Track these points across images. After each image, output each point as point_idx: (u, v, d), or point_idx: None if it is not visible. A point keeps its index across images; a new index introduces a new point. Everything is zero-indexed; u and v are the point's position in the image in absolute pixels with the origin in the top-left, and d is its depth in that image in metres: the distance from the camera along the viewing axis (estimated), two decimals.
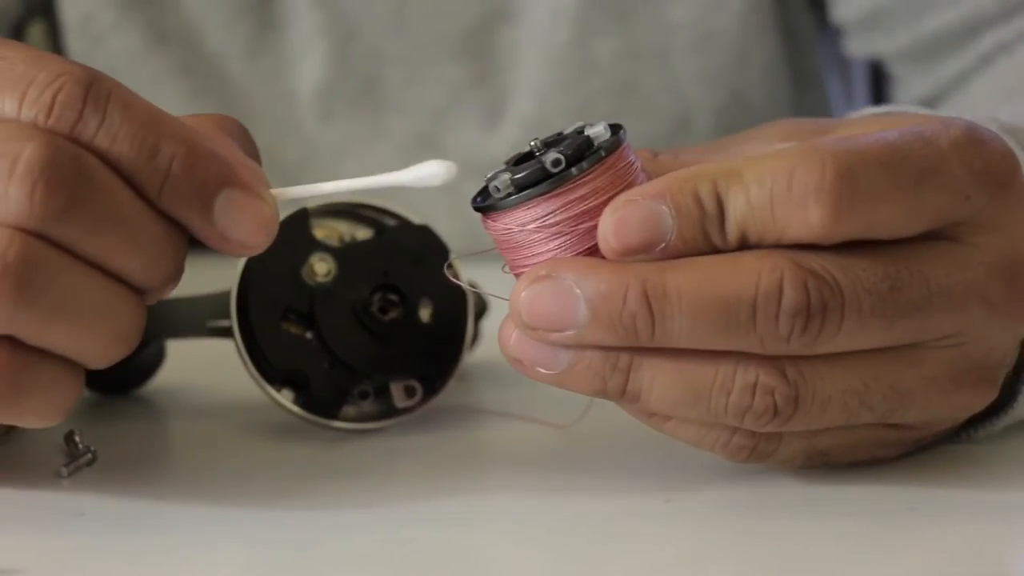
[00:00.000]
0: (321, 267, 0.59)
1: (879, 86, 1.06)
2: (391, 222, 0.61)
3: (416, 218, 0.60)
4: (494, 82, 0.99)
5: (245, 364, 0.58)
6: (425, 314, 0.60)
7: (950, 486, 0.53)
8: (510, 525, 0.51)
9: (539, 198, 0.49)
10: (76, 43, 0.97)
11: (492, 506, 0.53)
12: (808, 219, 0.47)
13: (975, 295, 0.49)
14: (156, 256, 0.48)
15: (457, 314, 0.60)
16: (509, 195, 0.50)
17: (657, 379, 0.49)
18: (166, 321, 0.62)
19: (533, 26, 0.98)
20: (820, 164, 0.47)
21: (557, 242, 0.50)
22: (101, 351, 0.49)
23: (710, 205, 0.48)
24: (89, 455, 0.55)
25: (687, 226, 0.48)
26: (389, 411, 0.60)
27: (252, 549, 0.49)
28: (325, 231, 0.60)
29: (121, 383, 0.65)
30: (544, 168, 0.49)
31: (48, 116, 0.47)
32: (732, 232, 0.48)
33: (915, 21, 0.92)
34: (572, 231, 0.49)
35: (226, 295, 0.59)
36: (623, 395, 0.49)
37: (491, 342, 0.68)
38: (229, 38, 0.98)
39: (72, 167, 0.46)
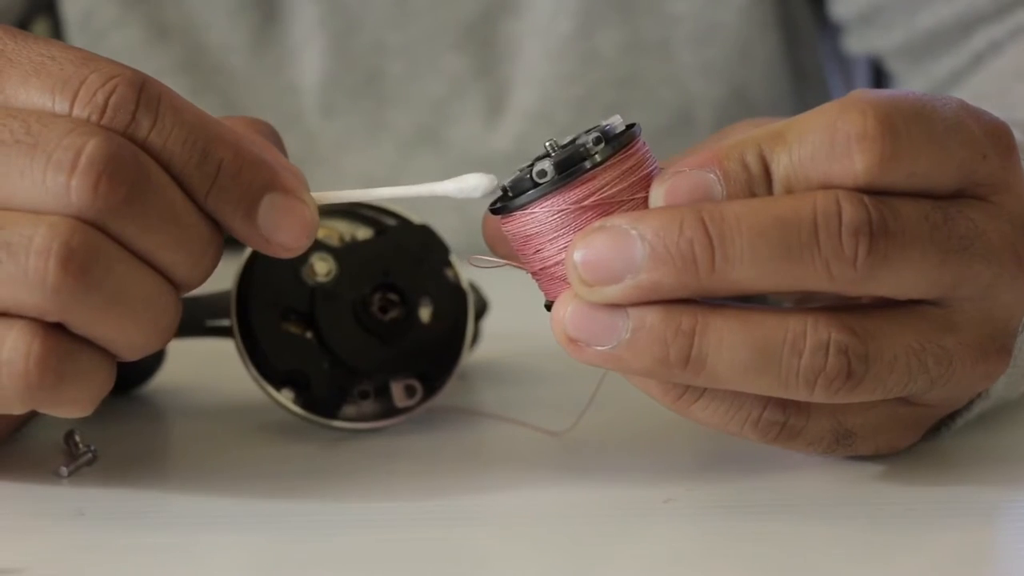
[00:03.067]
0: (321, 267, 0.59)
1: (880, 84, 1.06)
2: (391, 222, 0.61)
3: (416, 218, 0.60)
4: (496, 74, 0.99)
5: (245, 364, 0.58)
6: (425, 314, 0.60)
7: (949, 486, 0.53)
8: (509, 525, 0.51)
9: (579, 180, 0.49)
10: (78, 39, 0.97)
11: (492, 506, 0.53)
12: (854, 167, 0.47)
13: (1008, 245, 0.50)
14: (199, 255, 0.50)
15: (457, 314, 0.60)
16: (554, 179, 0.49)
17: (725, 340, 0.48)
18: None
19: (535, 18, 0.98)
20: (861, 114, 0.48)
21: (565, 240, 0.49)
22: (141, 343, 0.50)
23: (756, 168, 0.48)
24: (89, 455, 0.55)
25: (735, 191, 0.48)
26: (389, 411, 0.60)
27: (252, 548, 0.49)
28: (325, 231, 0.60)
29: (121, 383, 0.65)
30: (583, 148, 0.49)
31: (101, 117, 0.48)
32: (779, 190, 0.48)
33: (910, 18, 0.92)
34: (610, 211, 0.49)
35: (226, 295, 0.59)
36: (687, 364, 0.48)
37: (492, 342, 0.68)
38: (231, 33, 0.98)
39: (133, 163, 0.48)
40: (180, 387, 0.66)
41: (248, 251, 0.58)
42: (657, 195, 0.49)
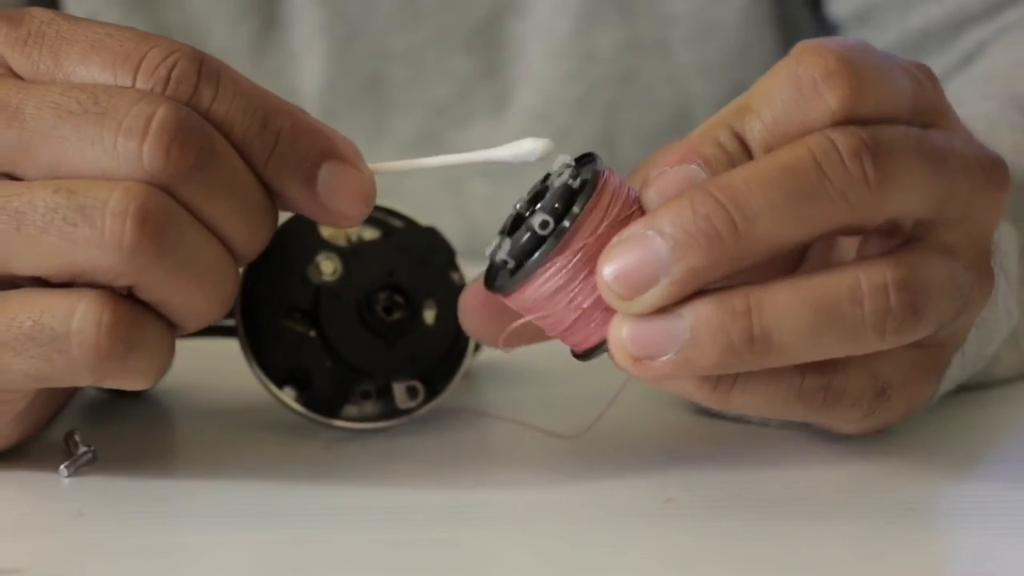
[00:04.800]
0: (327, 266, 0.59)
1: None
2: (398, 223, 0.61)
3: (423, 219, 0.60)
4: (499, 76, 0.99)
5: (248, 361, 0.58)
6: (429, 315, 0.60)
7: (949, 486, 0.53)
8: (509, 524, 0.51)
9: (549, 259, 0.49)
10: None
11: (492, 506, 0.53)
12: (828, 106, 0.48)
13: (972, 159, 0.50)
14: (259, 224, 0.51)
15: None
16: (518, 267, 0.50)
17: (782, 309, 0.48)
18: None
19: (538, 18, 0.98)
20: (819, 56, 0.49)
21: (575, 296, 0.49)
22: (205, 311, 0.50)
23: (733, 145, 0.49)
24: (89, 454, 0.55)
25: (720, 172, 0.49)
26: (391, 411, 0.60)
27: (252, 548, 0.49)
28: (332, 230, 0.60)
29: None
30: (534, 239, 0.49)
31: (164, 88, 0.49)
32: (761, 155, 0.49)
33: (903, 17, 0.93)
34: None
35: None
36: (752, 343, 0.48)
37: None
38: (232, 37, 0.98)
39: (201, 130, 0.49)
40: (180, 387, 0.66)
41: None
42: (651, 199, 0.49)
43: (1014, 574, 0.47)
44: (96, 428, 0.60)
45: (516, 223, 0.51)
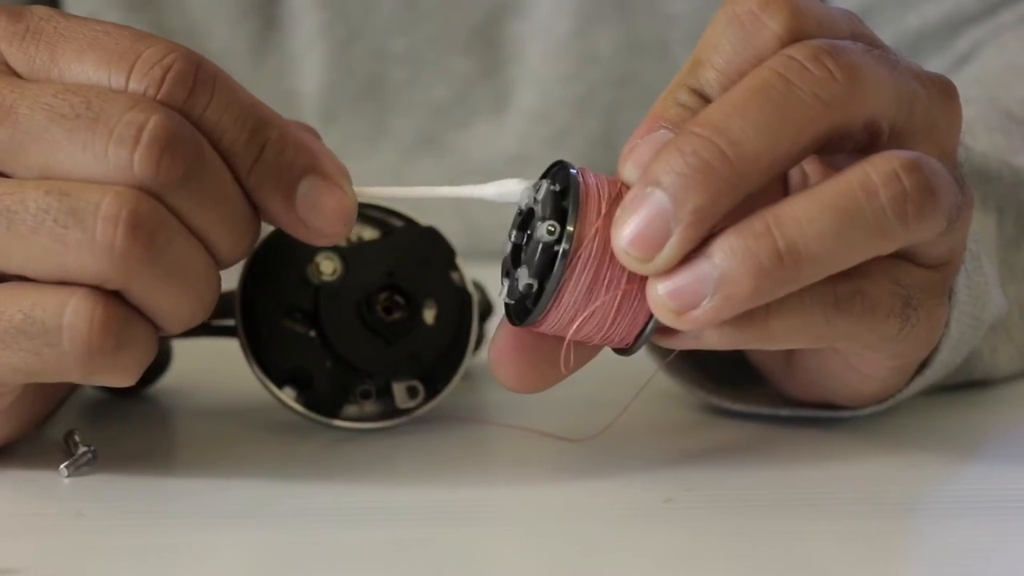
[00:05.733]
0: (327, 266, 0.59)
1: None
2: (398, 223, 0.61)
3: (423, 220, 0.60)
4: (499, 77, 0.99)
5: (248, 361, 0.58)
6: (429, 315, 0.60)
7: (950, 485, 0.53)
8: (510, 525, 0.51)
9: (573, 255, 0.49)
10: None
11: (492, 505, 0.53)
12: (773, 31, 0.49)
13: (920, 70, 0.51)
14: (242, 234, 0.51)
15: (462, 316, 0.60)
16: (541, 285, 0.49)
17: (801, 218, 0.47)
18: None
19: (537, 18, 0.98)
20: None
21: (609, 282, 0.49)
22: (188, 315, 0.50)
23: (693, 101, 0.50)
24: (89, 454, 0.54)
25: None
26: (391, 411, 0.60)
27: (252, 548, 0.49)
28: None
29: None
30: (547, 245, 0.49)
31: (158, 90, 0.49)
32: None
33: (900, 17, 0.93)
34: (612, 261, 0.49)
35: (229, 295, 0.59)
36: (782, 259, 0.47)
37: None
38: (232, 38, 0.98)
39: (191, 140, 0.49)
40: (181, 387, 0.67)
41: (255, 247, 0.58)
42: (630, 172, 0.50)
43: (1014, 574, 0.47)
44: (96, 428, 0.60)
45: (515, 256, 0.51)
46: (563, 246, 0.49)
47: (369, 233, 0.60)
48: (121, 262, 0.48)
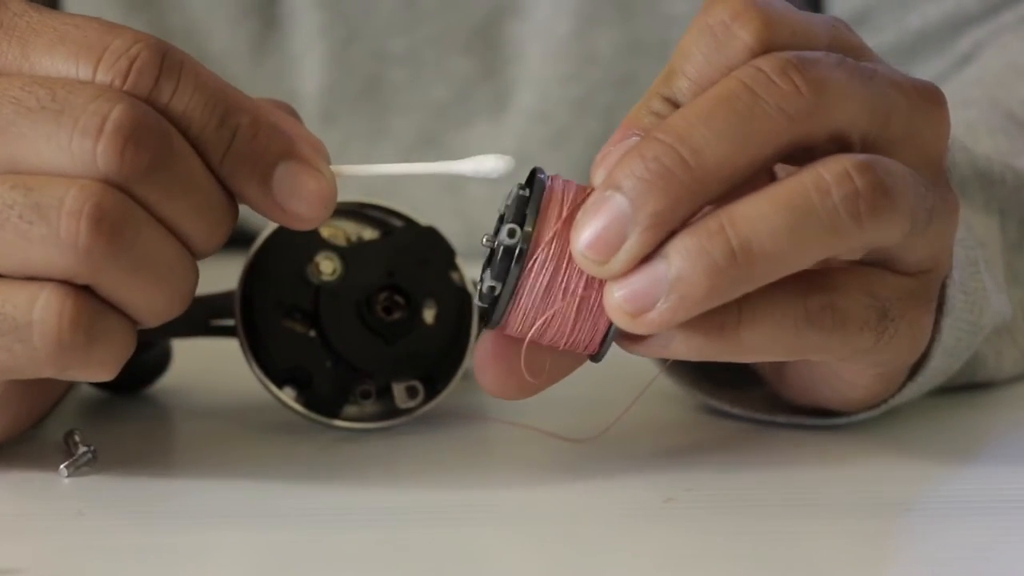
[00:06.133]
0: (327, 266, 0.59)
1: None
2: (397, 223, 0.61)
3: (423, 220, 0.60)
4: (499, 77, 0.99)
5: (248, 361, 0.58)
6: (429, 315, 0.60)
7: (949, 486, 0.53)
8: (510, 525, 0.51)
9: (529, 257, 0.49)
10: None
11: (492, 505, 0.53)
12: (744, 42, 0.49)
13: (903, 79, 0.51)
14: (217, 223, 0.50)
15: (461, 316, 0.60)
16: (499, 293, 0.50)
17: (753, 216, 0.48)
18: (170, 321, 0.61)
19: (537, 19, 0.98)
20: (725, 2, 0.50)
21: (567, 286, 0.50)
22: (163, 308, 0.50)
23: (667, 110, 0.50)
24: (89, 454, 0.54)
25: None
26: (391, 411, 0.60)
27: (252, 548, 0.49)
28: (331, 230, 0.60)
29: (131, 382, 0.65)
30: (508, 248, 0.50)
31: (124, 81, 0.49)
32: None
33: (901, 19, 0.92)
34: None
35: (229, 295, 0.59)
36: (735, 257, 0.47)
37: None
38: (233, 38, 0.98)
39: (157, 130, 0.48)
40: (181, 387, 0.66)
41: (254, 247, 0.58)
42: (599, 178, 0.50)
43: (1014, 574, 0.47)
44: (96, 428, 0.60)
45: (489, 260, 0.51)
46: (519, 246, 0.49)
47: (369, 233, 0.60)
48: (86, 257, 0.48)
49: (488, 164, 0.51)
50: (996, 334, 0.63)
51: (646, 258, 0.48)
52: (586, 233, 0.48)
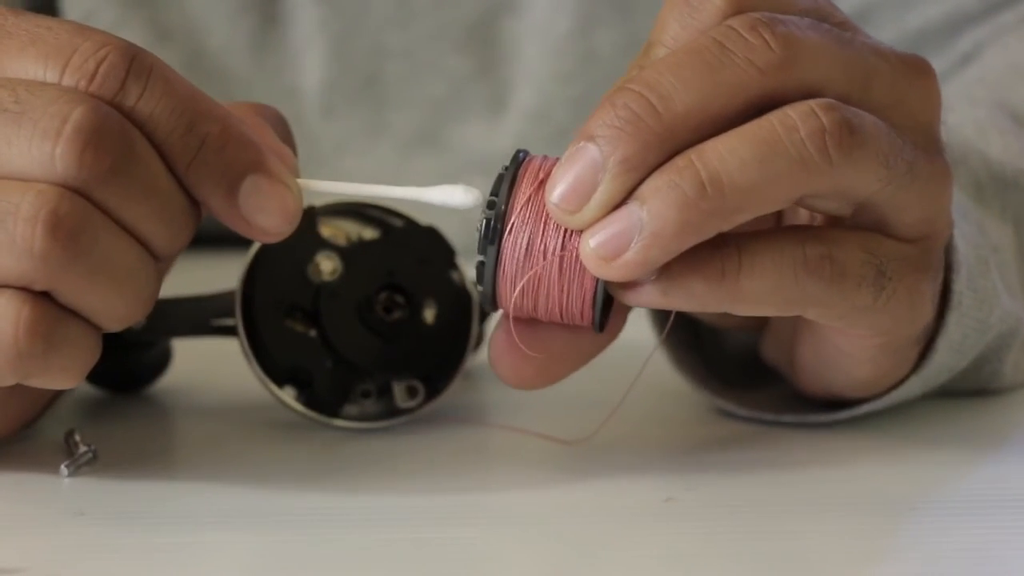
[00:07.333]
0: (327, 265, 0.59)
1: None
2: (398, 222, 0.61)
3: (423, 219, 0.60)
4: (497, 74, 0.99)
5: (248, 360, 0.58)
6: (429, 315, 0.60)
7: (951, 485, 0.53)
8: (510, 524, 0.51)
9: (506, 221, 0.50)
10: None
11: (492, 505, 0.53)
12: (716, 5, 0.50)
13: (886, 48, 0.51)
14: (179, 228, 0.50)
15: (461, 315, 0.60)
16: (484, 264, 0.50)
17: (722, 150, 0.48)
18: (171, 320, 0.62)
19: (535, 17, 0.98)
20: None
21: (547, 247, 0.50)
22: (124, 313, 0.50)
23: None
24: (89, 454, 0.54)
25: None
26: (391, 411, 0.60)
27: (252, 548, 0.49)
28: (332, 230, 0.60)
29: (131, 382, 0.65)
30: (487, 222, 0.50)
31: (90, 83, 0.48)
32: None
33: (900, 17, 0.92)
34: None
35: (230, 295, 0.59)
36: (705, 189, 0.48)
37: None
38: (232, 35, 0.98)
39: (119, 133, 0.48)
40: (181, 387, 0.66)
41: (255, 247, 0.58)
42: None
43: (1014, 574, 0.47)
44: (96, 428, 0.60)
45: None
46: (495, 212, 0.50)
47: (369, 233, 0.60)
48: (42, 263, 0.47)
49: (457, 196, 0.51)
50: (1013, 341, 0.62)
51: (618, 205, 0.49)
52: (560, 186, 0.49)
